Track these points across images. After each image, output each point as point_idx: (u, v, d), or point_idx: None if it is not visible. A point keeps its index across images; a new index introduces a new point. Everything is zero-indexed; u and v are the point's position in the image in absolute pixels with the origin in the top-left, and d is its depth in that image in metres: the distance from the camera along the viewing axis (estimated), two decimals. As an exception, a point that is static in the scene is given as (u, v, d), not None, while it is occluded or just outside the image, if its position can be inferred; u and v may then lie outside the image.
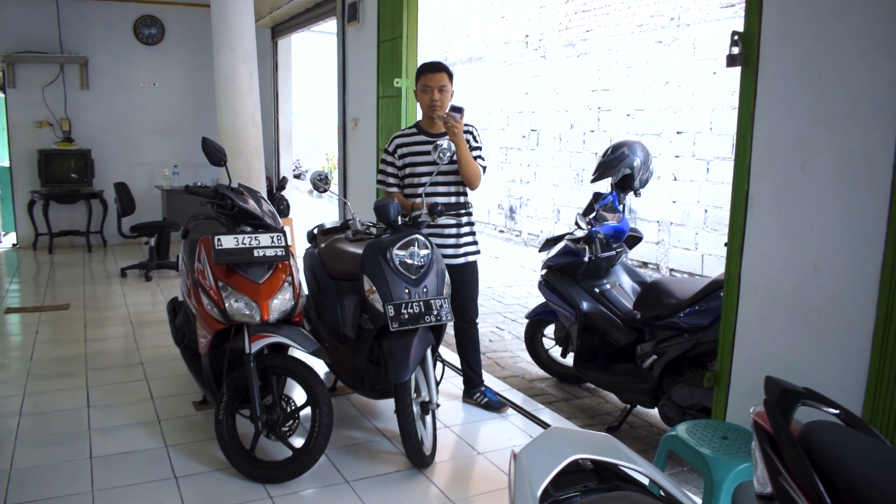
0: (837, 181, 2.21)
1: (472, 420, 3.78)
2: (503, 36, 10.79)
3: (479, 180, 3.63)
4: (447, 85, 3.63)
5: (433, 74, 3.61)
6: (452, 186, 3.69)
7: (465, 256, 3.75)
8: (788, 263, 2.40)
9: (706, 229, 7.39)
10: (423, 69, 3.67)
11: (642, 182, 4.05)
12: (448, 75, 3.65)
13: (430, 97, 3.62)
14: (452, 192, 3.70)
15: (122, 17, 8.63)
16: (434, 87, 3.61)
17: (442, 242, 3.68)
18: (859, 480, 1.23)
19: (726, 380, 2.66)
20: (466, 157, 3.55)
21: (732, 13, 6.85)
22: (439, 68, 3.65)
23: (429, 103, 3.62)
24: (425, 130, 3.73)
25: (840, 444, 1.32)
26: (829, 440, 1.33)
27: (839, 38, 2.18)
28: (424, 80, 3.63)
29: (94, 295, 6.40)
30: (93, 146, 8.49)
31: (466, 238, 3.76)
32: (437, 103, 3.61)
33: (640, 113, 8.05)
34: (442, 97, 3.62)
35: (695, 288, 3.42)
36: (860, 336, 2.17)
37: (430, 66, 3.67)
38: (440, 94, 3.61)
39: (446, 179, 3.67)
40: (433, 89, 3.61)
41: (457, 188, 3.70)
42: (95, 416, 3.70)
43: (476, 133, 3.70)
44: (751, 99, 2.45)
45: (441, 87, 3.61)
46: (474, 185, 3.65)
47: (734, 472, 2.20)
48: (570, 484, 1.24)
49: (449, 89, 3.64)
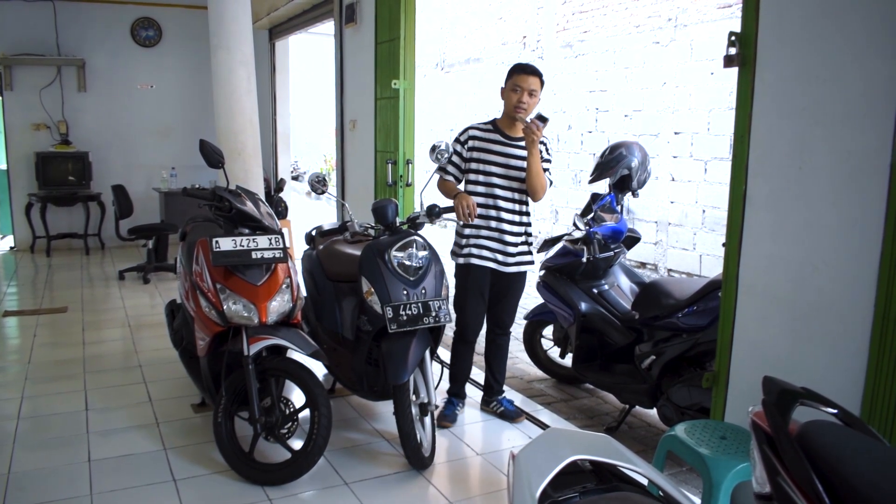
0: (835, 182, 2.21)
1: (471, 421, 3.78)
2: (501, 37, 10.79)
3: (543, 192, 3.49)
4: (538, 91, 3.48)
5: (527, 77, 3.45)
6: (516, 193, 3.55)
7: (517, 266, 3.60)
8: (786, 264, 2.40)
9: (704, 229, 7.40)
10: (518, 69, 3.50)
11: (640, 183, 4.05)
12: (541, 81, 3.50)
13: (518, 97, 3.45)
14: (515, 198, 3.55)
15: (120, 18, 8.62)
16: (525, 88, 3.44)
17: (500, 248, 3.56)
18: (858, 480, 1.23)
19: (725, 380, 2.66)
20: (537, 167, 3.41)
21: (730, 14, 6.87)
22: (534, 72, 3.48)
23: (515, 103, 3.45)
24: (502, 130, 3.57)
25: (838, 444, 1.32)
26: (828, 440, 1.33)
27: (836, 40, 2.18)
28: (517, 79, 3.46)
29: (92, 298, 6.39)
30: (90, 148, 8.48)
31: (522, 248, 3.61)
32: (523, 105, 3.44)
33: (638, 113, 8.06)
34: (530, 101, 3.46)
35: (693, 288, 3.42)
36: (858, 336, 2.17)
37: (526, 67, 3.50)
38: (529, 98, 3.45)
39: (510, 185, 3.54)
40: (524, 91, 3.44)
41: (520, 195, 3.55)
42: (94, 419, 3.69)
43: (549, 146, 3.57)
44: (748, 99, 2.45)
45: (532, 91, 3.44)
46: (538, 196, 3.51)
47: (733, 472, 2.20)
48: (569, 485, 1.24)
49: (538, 95, 3.48)
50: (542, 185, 3.45)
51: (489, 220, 3.54)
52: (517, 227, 3.58)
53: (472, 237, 3.58)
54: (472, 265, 3.58)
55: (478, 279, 3.60)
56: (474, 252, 3.57)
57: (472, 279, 3.60)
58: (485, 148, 3.56)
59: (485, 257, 3.56)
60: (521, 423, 3.71)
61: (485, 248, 3.56)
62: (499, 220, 3.54)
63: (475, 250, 3.57)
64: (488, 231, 3.55)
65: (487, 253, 3.56)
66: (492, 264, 3.56)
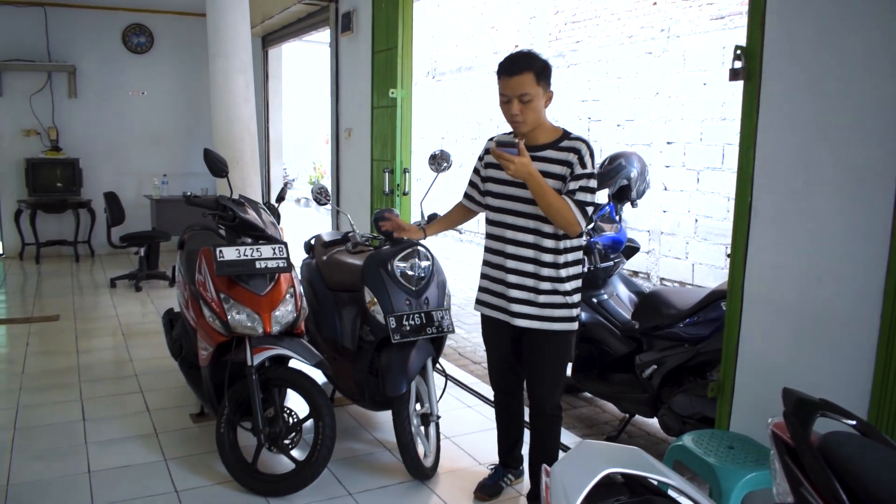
0: (841, 194, 2.24)
1: (475, 430, 3.78)
2: (493, 46, 10.85)
3: (573, 226, 2.53)
4: (531, 91, 2.53)
5: (510, 79, 2.55)
6: (531, 220, 2.65)
7: (537, 321, 2.69)
8: (791, 275, 2.43)
9: (697, 239, 7.46)
10: (499, 70, 2.60)
11: (639, 193, 4.08)
12: (534, 73, 2.53)
13: (509, 111, 2.59)
14: (530, 227, 2.66)
15: (111, 25, 8.58)
16: (512, 96, 2.55)
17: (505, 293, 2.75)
18: (881, 490, 1.25)
19: (730, 390, 2.68)
20: (543, 201, 2.51)
21: (722, 25, 6.94)
22: (518, 68, 2.53)
23: (509, 119, 2.62)
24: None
25: (860, 455, 1.34)
26: (849, 451, 1.35)
27: (843, 54, 2.21)
28: (501, 86, 2.60)
29: (84, 306, 6.34)
30: (81, 155, 8.42)
31: (544, 297, 2.67)
32: (518, 119, 2.58)
33: (631, 123, 8.12)
34: (525, 110, 2.56)
35: (694, 298, 3.45)
36: (863, 347, 2.20)
37: (507, 65, 2.57)
38: (522, 107, 2.55)
39: (529, 211, 2.65)
40: (512, 100, 2.56)
41: (535, 223, 2.65)
42: (91, 429, 3.66)
43: (585, 153, 2.57)
44: (753, 112, 2.48)
45: (523, 96, 2.54)
46: (569, 231, 2.57)
47: (742, 481, 2.22)
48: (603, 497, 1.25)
49: (537, 96, 2.55)
50: (564, 219, 2.51)
51: (495, 256, 2.80)
52: (532, 267, 2.68)
53: (482, 277, 2.90)
54: (481, 313, 2.94)
55: (486, 329, 2.96)
56: (479, 297, 2.92)
57: (483, 327, 2.99)
58: (498, 164, 2.65)
59: (489, 304, 2.85)
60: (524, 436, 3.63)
61: (490, 292, 2.84)
62: (504, 257, 2.74)
63: (480, 295, 2.91)
64: (495, 272, 2.81)
65: (492, 299, 2.84)
66: (497, 314, 2.82)
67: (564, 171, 2.58)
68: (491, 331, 2.92)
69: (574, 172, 2.56)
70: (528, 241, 2.68)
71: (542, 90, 2.58)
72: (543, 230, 2.65)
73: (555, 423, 2.87)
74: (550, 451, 2.87)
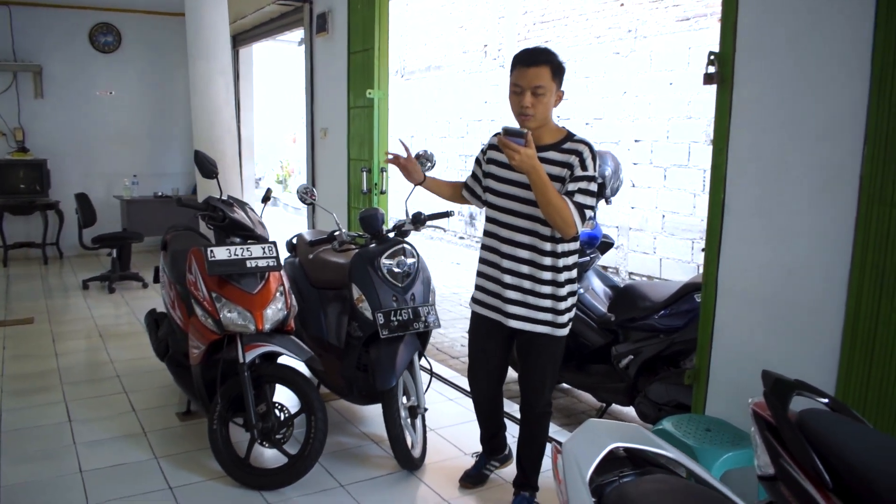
0: (809, 192, 2.40)
1: (459, 422, 3.88)
2: (462, 45, 10.96)
3: (569, 227, 2.50)
4: (546, 85, 2.54)
5: (526, 70, 2.54)
6: (528, 221, 2.65)
7: (530, 323, 2.71)
8: (763, 267, 2.58)
9: (664, 234, 7.67)
10: (515, 61, 2.60)
11: (613, 191, 4.22)
12: (552, 70, 2.54)
13: (519, 102, 2.58)
14: (527, 227, 2.65)
15: (78, 24, 8.48)
16: (526, 87, 2.55)
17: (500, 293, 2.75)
18: (854, 459, 1.39)
19: (705, 376, 2.83)
20: (543, 197, 2.47)
21: (688, 26, 7.15)
22: (537, 60, 2.54)
23: (518, 111, 2.59)
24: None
25: (833, 429, 1.48)
26: (824, 425, 1.49)
27: (811, 59, 2.37)
28: (515, 76, 2.59)
29: (57, 308, 6.29)
30: (48, 156, 8.31)
31: (541, 301, 2.69)
32: (528, 111, 2.56)
33: (599, 122, 8.30)
34: (536, 104, 2.55)
35: (668, 291, 3.60)
36: (830, 333, 2.36)
37: (524, 58, 2.58)
38: (534, 100, 2.55)
39: (528, 211, 2.64)
40: (524, 91, 2.55)
41: (533, 224, 2.64)
42: (79, 430, 3.68)
43: (587, 156, 2.57)
44: (726, 115, 2.63)
45: (537, 89, 2.54)
46: (563, 232, 2.54)
47: (720, 460, 2.37)
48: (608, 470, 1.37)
49: (550, 91, 2.56)
50: (561, 219, 2.49)
51: (491, 254, 2.79)
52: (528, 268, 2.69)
53: (479, 276, 2.89)
54: (473, 311, 2.96)
55: (478, 327, 2.96)
56: (475, 296, 2.92)
57: (473, 325, 2.98)
58: (499, 160, 2.71)
59: (484, 304, 2.86)
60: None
61: (485, 291, 2.85)
62: (500, 256, 2.73)
63: (476, 294, 2.91)
64: (491, 270, 2.80)
65: (486, 298, 2.84)
66: (492, 314, 2.82)
67: (564, 173, 2.57)
68: (483, 330, 2.91)
69: (574, 174, 2.55)
70: (524, 242, 2.67)
71: (556, 87, 2.58)
72: (541, 232, 2.64)
73: (545, 420, 2.94)
74: (539, 446, 2.94)
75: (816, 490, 1.38)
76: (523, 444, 2.96)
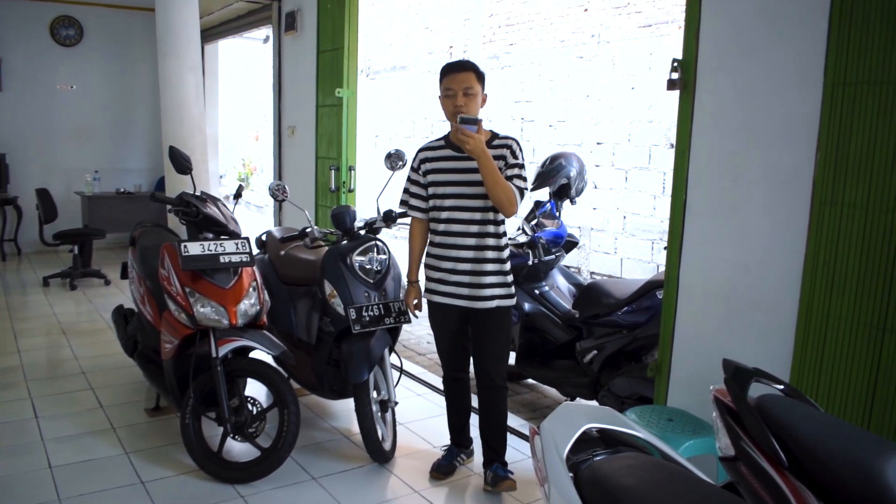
0: (765, 193, 2.54)
1: (429, 416, 3.96)
2: (427, 46, 11.04)
3: (513, 206, 2.86)
4: (474, 87, 2.92)
5: (456, 75, 2.93)
6: (478, 213, 2.97)
7: (485, 300, 2.98)
8: (722, 265, 2.72)
9: (625, 234, 7.85)
10: (445, 70, 2.99)
11: (578, 191, 4.36)
12: (476, 75, 2.94)
13: (453, 103, 2.92)
14: (477, 219, 2.97)
15: (38, 17, 8.31)
16: (458, 90, 2.90)
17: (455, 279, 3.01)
18: (808, 440, 1.50)
19: (667, 369, 2.96)
20: (491, 179, 2.80)
21: (650, 33, 7.35)
22: (464, 67, 2.96)
23: (452, 111, 2.92)
24: (453, 144, 2.97)
25: (789, 413, 1.59)
26: (780, 409, 1.60)
27: (768, 67, 2.51)
28: (446, 82, 2.95)
29: (17, 305, 6.18)
30: (7, 150, 8.13)
31: (491, 278, 2.99)
32: (462, 110, 2.88)
33: (562, 124, 8.46)
34: (468, 102, 2.90)
35: (631, 289, 3.73)
36: (785, 328, 2.50)
37: (453, 65, 2.99)
38: (465, 99, 2.90)
39: (473, 204, 2.97)
40: (457, 93, 2.90)
41: (482, 214, 2.97)
42: (46, 426, 3.65)
43: (516, 148, 2.95)
44: (688, 119, 2.76)
45: (467, 90, 2.90)
46: (507, 211, 2.89)
47: (681, 448, 2.49)
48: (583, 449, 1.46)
49: (478, 92, 2.94)
50: (507, 199, 2.83)
51: (448, 249, 3.03)
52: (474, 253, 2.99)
53: (429, 268, 3.14)
54: (430, 301, 3.17)
55: (436, 314, 3.18)
56: (429, 286, 3.14)
57: (432, 313, 3.21)
58: (438, 168, 3.05)
59: (439, 292, 3.09)
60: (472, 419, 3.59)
61: (440, 280, 3.08)
62: (451, 248, 3.02)
63: (430, 284, 3.14)
64: (448, 262, 3.04)
65: (441, 287, 3.08)
66: (447, 300, 3.07)
67: (500, 164, 2.92)
68: (440, 316, 3.14)
69: (508, 163, 2.92)
70: (472, 231, 2.99)
71: (481, 89, 2.98)
72: (487, 218, 2.98)
73: (503, 394, 3.14)
74: (500, 421, 3.16)
75: (774, 469, 1.49)
76: (486, 419, 3.16)
